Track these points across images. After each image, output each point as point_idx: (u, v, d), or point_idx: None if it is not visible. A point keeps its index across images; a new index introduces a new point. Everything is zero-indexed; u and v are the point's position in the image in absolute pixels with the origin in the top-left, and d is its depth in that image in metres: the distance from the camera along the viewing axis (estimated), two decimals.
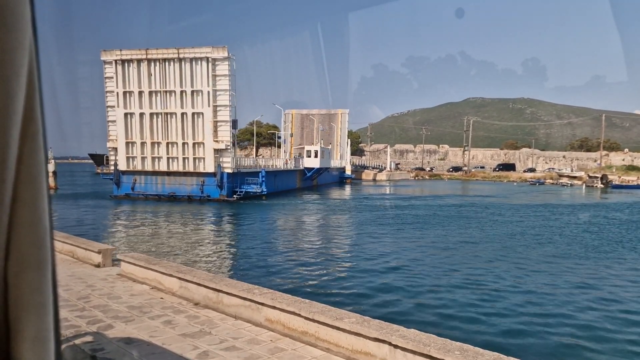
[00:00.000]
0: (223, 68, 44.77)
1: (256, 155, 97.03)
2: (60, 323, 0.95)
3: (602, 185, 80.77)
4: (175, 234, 26.60)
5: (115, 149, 47.82)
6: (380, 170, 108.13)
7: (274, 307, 7.63)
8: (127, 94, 46.89)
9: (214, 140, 45.38)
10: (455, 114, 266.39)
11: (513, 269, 18.26)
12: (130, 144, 47.62)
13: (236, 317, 8.23)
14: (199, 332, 7.47)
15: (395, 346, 6.01)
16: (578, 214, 38.62)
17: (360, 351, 6.45)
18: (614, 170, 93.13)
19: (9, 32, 0.80)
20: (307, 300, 7.71)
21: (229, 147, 45.56)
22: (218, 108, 45.29)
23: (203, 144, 45.76)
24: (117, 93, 46.79)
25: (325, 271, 17.67)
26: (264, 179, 48.73)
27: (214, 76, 44.69)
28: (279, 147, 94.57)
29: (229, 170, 45.97)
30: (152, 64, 45.92)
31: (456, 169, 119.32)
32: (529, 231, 28.64)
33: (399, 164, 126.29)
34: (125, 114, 47.05)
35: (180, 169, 46.77)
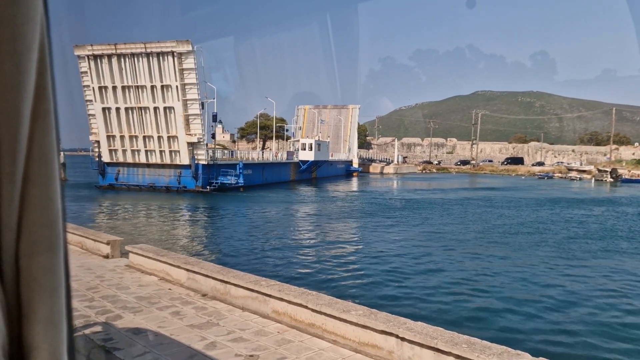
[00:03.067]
0: (189, 62, 44.51)
1: (263, 148, 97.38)
2: (72, 306, 0.94)
3: (611, 180, 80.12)
4: (143, 222, 27.97)
5: (98, 142, 49.12)
6: (388, 164, 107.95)
7: (281, 299, 7.65)
8: (103, 89, 47.14)
9: (187, 134, 45.81)
10: (464, 107, 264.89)
11: (522, 264, 18.18)
12: (110, 137, 48.62)
13: (243, 308, 8.27)
14: (207, 323, 7.51)
15: (402, 339, 6.01)
16: (587, 208, 38.34)
17: (367, 343, 6.47)
18: (624, 164, 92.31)
19: (20, 7, 0.79)
20: (314, 293, 7.72)
21: (201, 140, 46.10)
22: (188, 102, 45.40)
23: (177, 137, 46.34)
24: (93, 88, 47.07)
25: (311, 261, 17.71)
26: (241, 171, 49.58)
27: (181, 70, 44.47)
28: (287, 139, 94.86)
29: (204, 162, 46.83)
30: (122, 58, 45.87)
31: (464, 162, 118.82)
32: (538, 225, 28.48)
33: (406, 157, 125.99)
34: (103, 109, 47.55)
35: (159, 161, 47.95)
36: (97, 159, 49.81)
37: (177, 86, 44.53)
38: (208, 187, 46.87)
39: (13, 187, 0.82)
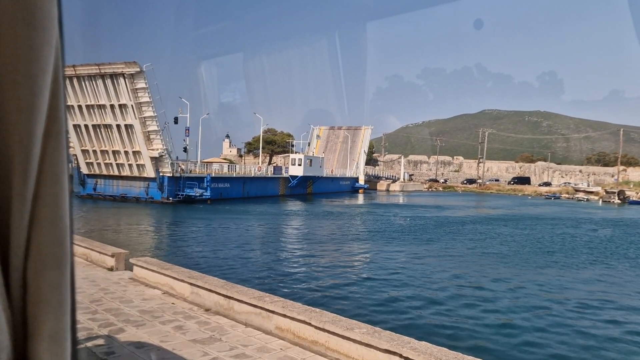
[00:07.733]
0: (141, 82, 46.26)
1: (269, 163, 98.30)
2: (76, 323, 0.95)
3: (619, 201, 79.57)
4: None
5: (76, 155, 51.79)
6: (394, 181, 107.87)
7: (284, 316, 7.60)
8: (70, 107, 48.69)
9: (149, 149, 47.99)
10: (471, 125, 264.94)
11: (530, 285, 18.00)
12: (85, 151, 51.30)
13: (246, 324, 8.22)
14: (209, 339, 7.47)
15: (407, 358, 5.94)
16: (599, 230, 38.05)
17: None
18: (631, 185, 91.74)
19: (37, 30, 0.80)
20: (317, 310, 7.67)
21: (163, 155, 48.55)
22: (146, 120, 47.32)
23: (140, 152, 48.55)
24: None
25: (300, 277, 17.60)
26: (208, 183, 52.09)
27: (134, 90, 46.06)
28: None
29: (169, 175, 49.33)
30: (82, 79, 47.50)
31: (470, 181, 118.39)
32: (550, 246, 28.26)
33: (412, 174, 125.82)
34: (74, 125, 49.65)
35: (129, 173, 50.67)
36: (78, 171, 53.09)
37: (132, 105, 46.46)
38: (170, 198, 49.22)
39: (23, 205, 0.83)
